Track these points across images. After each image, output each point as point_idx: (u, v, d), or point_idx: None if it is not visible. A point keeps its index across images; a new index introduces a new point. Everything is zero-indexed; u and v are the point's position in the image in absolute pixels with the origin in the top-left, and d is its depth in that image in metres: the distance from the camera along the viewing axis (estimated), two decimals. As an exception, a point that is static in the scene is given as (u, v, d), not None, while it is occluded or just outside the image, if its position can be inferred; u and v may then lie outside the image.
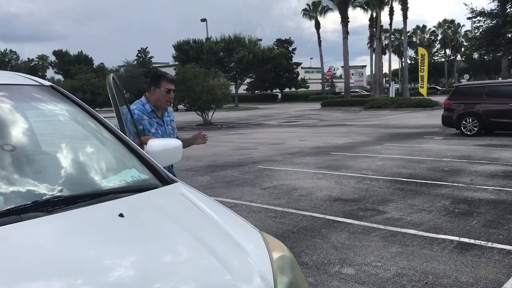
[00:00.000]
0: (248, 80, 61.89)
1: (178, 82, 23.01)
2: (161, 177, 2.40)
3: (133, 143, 2.60)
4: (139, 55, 76.21)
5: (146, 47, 77.08)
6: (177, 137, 3.90)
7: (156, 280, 1.59)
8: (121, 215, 1.88)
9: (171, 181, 2.39)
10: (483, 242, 4.57)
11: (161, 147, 2.86)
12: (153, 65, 76.62)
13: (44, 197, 1.93)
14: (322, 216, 5.72)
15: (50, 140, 2.67)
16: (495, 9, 23.48)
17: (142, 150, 2.56)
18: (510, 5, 23.24)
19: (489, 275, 3.78)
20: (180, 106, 33.65)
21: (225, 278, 1.67)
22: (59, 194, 1.98)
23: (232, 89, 39.23)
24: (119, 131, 2.66)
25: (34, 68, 77.24)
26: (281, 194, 7.02)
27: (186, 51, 50.15)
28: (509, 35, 23.01)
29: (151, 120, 3.76)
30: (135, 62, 70.94)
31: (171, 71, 33.98)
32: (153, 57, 77.52)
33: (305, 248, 4.58)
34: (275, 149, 12.66)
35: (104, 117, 2.66)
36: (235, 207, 6.32)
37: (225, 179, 8.44)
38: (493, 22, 23.53)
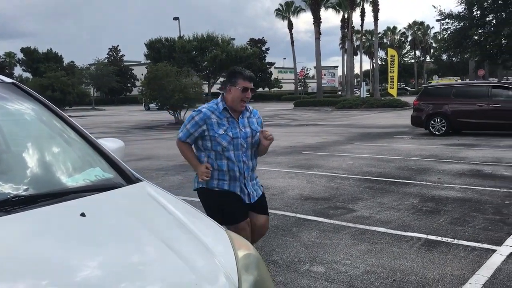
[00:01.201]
0: (221, 79, 61.70)
1: (150, 80, 22.80)
2: (126, 176, 2.35)
3: (97, 142, 2.54)
4: (110, 53, 75.09)
5: (118, 45, 76.07)
6: (254, 141, 3.50)
7: (121, 280, 1.56)
8: (82, 214, 1.84)
9: (137, 180, 2.35)
10: (449, 239, 4.66)
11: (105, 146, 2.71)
12: (125, 63, 75.70)
13: (2, 197, 1.86)
14: (293, 214, 5.73)
15: (11, 138, 2.59)
16: (462, 12, 24.04)
17: (107, 149, 2.51)
18: (476, 8, 23.84)
19: (454, 271, 3.86)
20: (152, 105, 33.33)
21: (189, 278, 1.65)
22: (18, 193, 1.92)
23: (205, 88, 39.06)
24: (83, 129, 2.59)
25: (1, 65, 75.16)
26: (252, 193, 6.99)
27: (158, 50, 49.62)
28: (476, 37, 23.58)
29: (220, 120, 3.37)
30: (106, 61, 69.85)
31: (142, 70, 33.54)
32: (124, 55, 76.56)
33: (276, 247, 4.59)
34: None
35: (74, 116, 2.60)
36: (206, 207, 6.27)
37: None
38: (460, 24, 24.08)
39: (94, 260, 1.67)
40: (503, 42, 22.83)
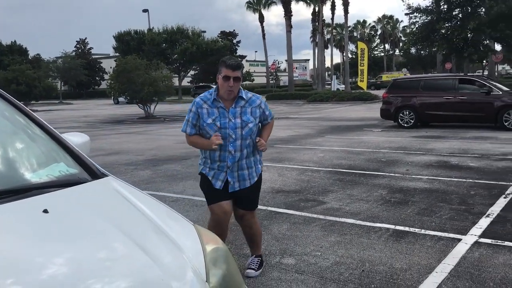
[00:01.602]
0: (192, 72, 61.24)
1: (118, 73, 22.42)
2: (91, 171, 2.30)
3: (62, 136, 2.47)
4: (77, 46, 73.42)
5: (85, 38, 74.36)
6: (247, 133, 3.49)
7: (88, 277, 1.53)
8: (45, 211, 1.79)
9: (102, 175, 2.30)
10: (417, 230, 4.76)
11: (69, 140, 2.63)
12: (93, 56, 74.20)
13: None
14: (264, 208, 5.74)
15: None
16: (430, 6, 24.48)
17: (72, 144, 2.44)
18: (443, 2, 24.31)
19: (421, 261, 3.94)
20: (121, 99, 32.82)
21: (156, 274, 1.63)
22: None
23: (176, 81, 38.70)
24: (47, 124, 2.52)
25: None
26: (223, 187, 6.98)
27: (127, 42, 48.87)
28: (443, 31, 24.05)
29: (211, 110, 3.45)
30: (74, 54, 68.31)
31: (111, 63, 32.97)
32: (92, 48, 74.94)
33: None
34: (218, 142, 12.59)
35: (41, 110, 2.52)
36: (176, 202, 6.24)
37: (167, 173, 8.30)
38: (428, 18, 24.51)
39: (59, 257, 1.63)
40: (468, 36, 23.38)
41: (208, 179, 3.59)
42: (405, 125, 15.19)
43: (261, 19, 60.82)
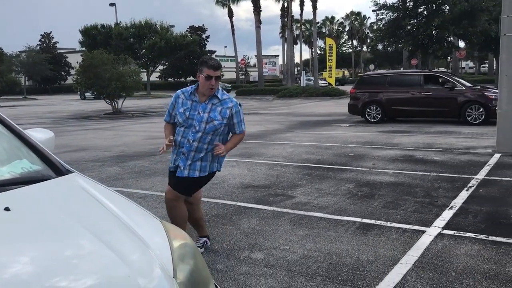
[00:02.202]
0: (160, 67, 60.56)
1: (85, 68, 21.97)
2: (56, 168, 2.26)
3: (25, 133, 2.42)
4: (42, 40, 71.51)
5: (50, 32, 72.50)
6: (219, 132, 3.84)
7: (53, 275, 1.51)
8: (7, 209, 1.75)
9: (67, 172, 2.27)
10: (382, 222, 4.86)
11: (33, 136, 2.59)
12: (58, 50, 72.45)
13: None
14: (233, 203, 5.76)
15: None
16: (396, 3, 24.94)
17: (35, 140, 2.39)
18: (408, -1, 24.83)
19: (387, 253, 4.03)
20: (88, 94, 32.22)
21: (122, 272, 1.62)
22: None
23: (144, 76, 38.21)
24: (9, 120, 2.46)
25: None
26: (192, 183, 6.96)
27: (93, 37, 47.83)
28: (408, 28, 24.56)
29: (185, 101, 3.84)
30: (38, 48, 66.51)
31: (78, 57, 32.24)
32: (58, 42, 73.13)
33: (216, 236, 4.59)
34: (188, 138, 12.51)
35: (3, 106, 2.46)
36: (145, 198, 6.18)
37: (135, 169, 8.21)
38: (394, 15, 24.98)
39: (23, 256, 1.61)
40: (433, 32, 23.93)
41: (169, 171, 4.02)
42: (372, 120, 15.44)
43: (230, 14, 60.64)
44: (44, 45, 70.38)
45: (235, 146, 4.02)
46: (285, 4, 54.00)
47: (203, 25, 68.53)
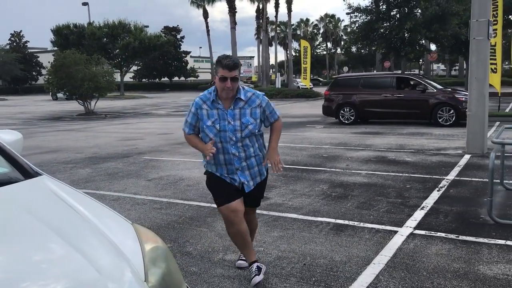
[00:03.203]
0: (134, 67, 59.91)
1: (57, 68, 21.55)
2: (24, 170, 2.21)
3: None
4: (12, 39, 69.86)
5: (21, 31, 70.88)
6: (248, 133, 3.41)
7: (21, 280, 1.48)
8: (-29, 213, 1.70)
9: (36, 174, 2.21)
10: (356, 223, 4.91)
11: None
12: (29, 50, 70.90)
13: None
14: (208, 205, 5.72)
15: None
16: (369, 6, 25.28)
17: (2, 142, 2.33)
18: (382, 3, 25.18)
19: (360, 253, 4.07)
20: (60, 95, 31.63)
21: (92, 276, 1.59)
22: None
23: (117, 77, 37.73)
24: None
25: None
26: (167, 185, 6.91)
27: (66, 36, 47.01)
28: (382, 31, 24.91)
29: (211, 111, 3.36)
30: (8, 47, 64.94)
31: (49, 57, 31.58)
32: (28, 41, 71.56)
33: (190, 238, 4.56)
34: (162, 139, 12.42)
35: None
36: (117, 200, 6.09)
37: (107, 171, 8.09)
38: (367, 18, 25.32)
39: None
40: (406, 35, 24.35)
41: (217, 176, 3.49)
42: (346, 121, 15.60)
43: (206, 15, 60.40)
44: (14, 44, 68.81)
45: (279, 138, 3.69)
46: (260, 6, 54.11)
47: (177, 25, 68.16)
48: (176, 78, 69.69)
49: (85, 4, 48.06)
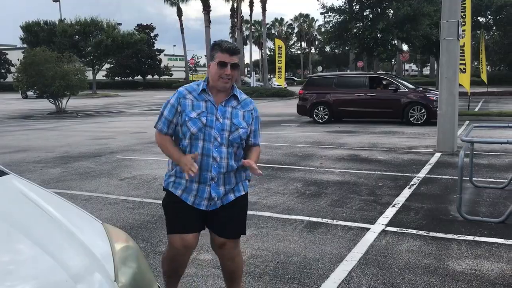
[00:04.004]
0: (107, 65, 59.02)
1: (26, 66, 21.07)
2: (-11, 170, 2.15)
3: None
4: (-21, 35, 67.94)
5: (-12, 27, 69.01)
6: (245, 145, 2.85)
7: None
8: None
9: (2, 174, 2.16)
10: (329, 220, 4.96)
11: None
12: (-3, 47, 69.06)
13: None
14: (181, 204, 5.68)
15: None
16: (343, 6, 25.50)
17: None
18: (355, 3, 25.44)
19: (333, 250, 4.11)
20: (30, 93, 30.96)
21: (61, 277, 1.56)
22: None
23: (89, 75, 37.12)
24: None
25: None
26: (140, 184, 6.83)
27: (36, 33, 45.99)
28: (355, 31, 25.17)
29: (197, 102, 2.74)
30: (-26, 44, 63.16)
31: (19, 55, 30.88)
32: (-3, 38, 69.68)
33: (163, 238, 4.52)
34: (135, 138, 12.28)
35: None
36: (89, 200, 5.99)
37: (79, 170, 7.95)
38: (341, 18, 25.54)
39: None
40: (378, 35, 24.64)
41: (174, 196, 2.81)
42: (320, 120, 15.73)
43: (180, 13, 60.02)
44: (-18, 41, 66.91)
45: (257, 160, 2.87)
46: (235, 5, 54.05)
47: (151, 23, 67.36)
48: (149, 77, 68.98)
49: (56, 0, 47.09)
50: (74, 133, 14.00)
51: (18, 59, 23.91)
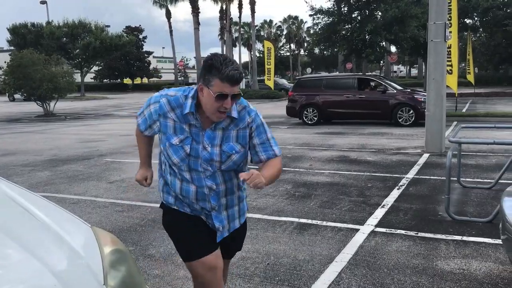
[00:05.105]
0: (95, 68, 58.66)
1: (13, 69, 20.88)
2: (-24, 174, 2.12)
3: None
4: (-35, 37, 67.27)
5: (-26, 29, 68.31)
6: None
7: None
8: None
9: (-12, 177, 2.13)
10: (318, 222, 4.97)
11: None
12: (-17, 49, 68.36)
13: None
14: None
15: None
16: (331, 8, 25.62)
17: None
18: (344, 5, 25.57)
19: (323, 251, 4.13)
20: (17, 96, 30.65)
21: (49, 282, 1.54)
22: None
23: (78, 77, 36.87)
24: None
25: None
26: (129, 187, 6.80)
27: (23, 35, 45.56)
28: (343, 32, 25.29)
29: (179, 125, 2.24)
30: (-39, 46, 62.44)
31: (5, 57, 30.59)
32: (-17, 40, 68.95)
33: (152, 241, 4.50)
34: (125, 141, 12.21)
35: None
36: (78, 204, 5.95)
37: (67, 174, 7.89)
38: (330, 20, 25.65)
39: None
40: (366, 37, 24.79)
41: (181, 213, 2.42)
42: (309, 122, 15.77)
43: (168, 15, 59.84)
44: (-32, 43, 66.19)
45: (273, 177, 2.27)
46: (224, 7, 54.03)
47: (140, 25, 67.08)
48: (138, 79, 68.68)
49: (43, 2, 46.73)
50: (63, 136, 13.89)
51: (5, 62, 23.68)
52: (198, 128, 2.23)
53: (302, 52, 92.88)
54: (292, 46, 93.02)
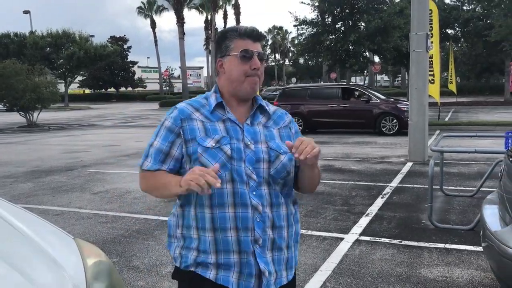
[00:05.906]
0: (80, 78, 58.30)
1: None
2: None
3: None
4: None
5: (-45, 39, 67.35)
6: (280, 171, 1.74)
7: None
8: None
9: (-31, 190, 2.11)
10: (303, 231, 4.98)
11: None
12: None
13: None
14: (155, 217, 5.64)
15: None
16: (315, 19, 25.87)
17: None
18: (327, 15, 25.83)
19: (308, 261, 4.14)
20: None
21: (31, 294, 1.53)
22: None
23: (61, 87, 36.57)
24: None
25: None
26: (113, 198, 6.75)
27: (5, 45, 45.13)
28: (327, 43, 25.54)
29: (210, 124, 1.73)
30: None
31: (-13, 67, 30.11)
32: (-36, 50, 68.02)
33: (137, 252, 4.47)
34: (108, 152, 12.13)
35: None
36: (61, 215, 5.89)
37: (51, 185, 7.80)
38: (314, 30, 25.89)
39: None
40: (350, 47, 25.05)
41: (199, 281, 1.73)
42: (295, 131, 15.81)
43: (153, 25, 59.91)
44: (-51, 53, 65.24)
45: (316, 178, 1.93)
46: (209, 17, 54.25)
47: (124, 35, 66.94)
48: (123, 89, 68.35)
49: (26, 12, 46.43)
50: (46, 147, 13.74)
51: (-14, 72, 23.40)
52: (235, 123, 1.75)
53: (287, 62, 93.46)
54: (277, 56, 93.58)
